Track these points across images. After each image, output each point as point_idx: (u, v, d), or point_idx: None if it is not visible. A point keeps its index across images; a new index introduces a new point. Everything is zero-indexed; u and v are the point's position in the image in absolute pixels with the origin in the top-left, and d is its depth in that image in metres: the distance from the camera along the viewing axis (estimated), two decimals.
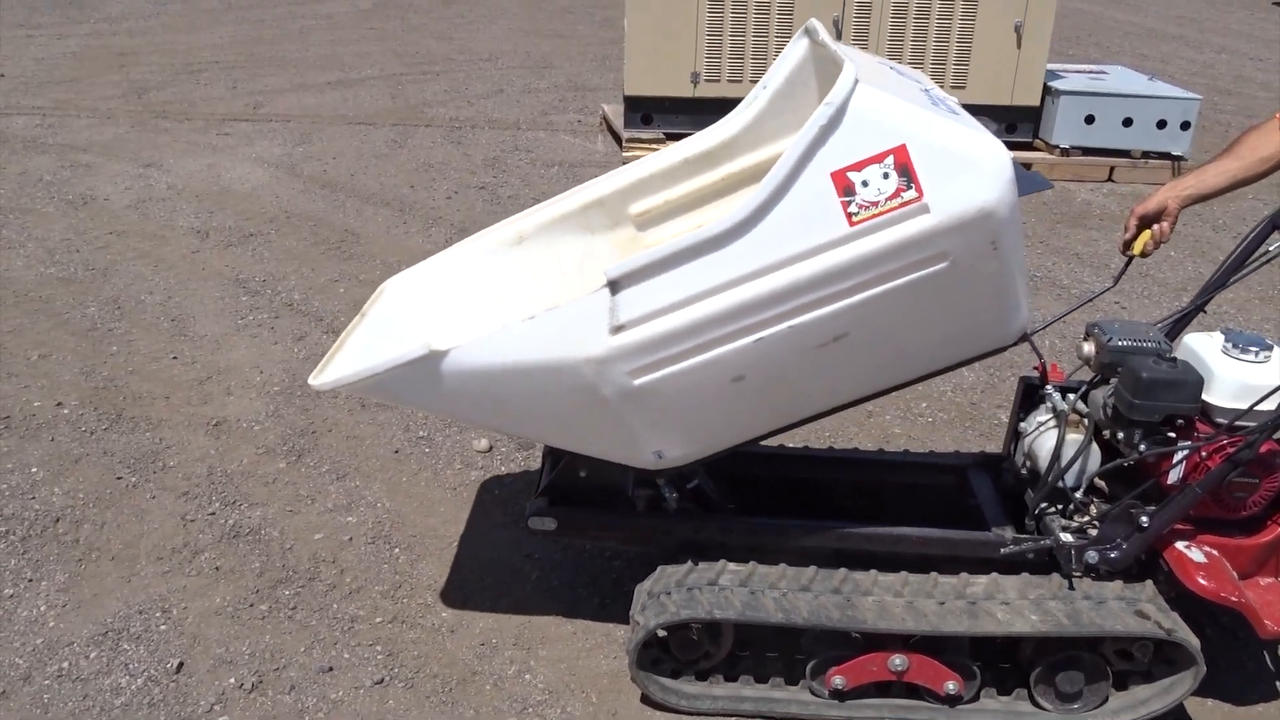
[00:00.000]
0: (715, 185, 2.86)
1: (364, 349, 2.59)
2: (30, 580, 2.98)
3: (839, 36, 6.88)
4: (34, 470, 3.48)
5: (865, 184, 2.11)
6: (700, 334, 2.23)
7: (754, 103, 2.77)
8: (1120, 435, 2.47)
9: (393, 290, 2.83)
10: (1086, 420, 2.55)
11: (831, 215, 2.12)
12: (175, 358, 4.28)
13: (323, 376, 2.49)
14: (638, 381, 2.29)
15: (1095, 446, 2.54)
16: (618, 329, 2.24)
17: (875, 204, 2.11)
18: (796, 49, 2.69)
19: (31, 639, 2.76)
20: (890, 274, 2.16)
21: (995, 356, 2.48)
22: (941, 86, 7.70)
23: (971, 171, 2.10)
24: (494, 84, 9.46)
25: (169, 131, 7.63)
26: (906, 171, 2.09)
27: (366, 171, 6.82)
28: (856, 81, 2.09)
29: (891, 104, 2.13)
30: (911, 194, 2.10)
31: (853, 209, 2.12)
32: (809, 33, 2.64)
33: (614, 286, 2.24)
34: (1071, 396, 2.61)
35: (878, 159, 2.10)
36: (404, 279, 2.85)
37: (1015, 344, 2.44)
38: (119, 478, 3.46)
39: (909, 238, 2.12)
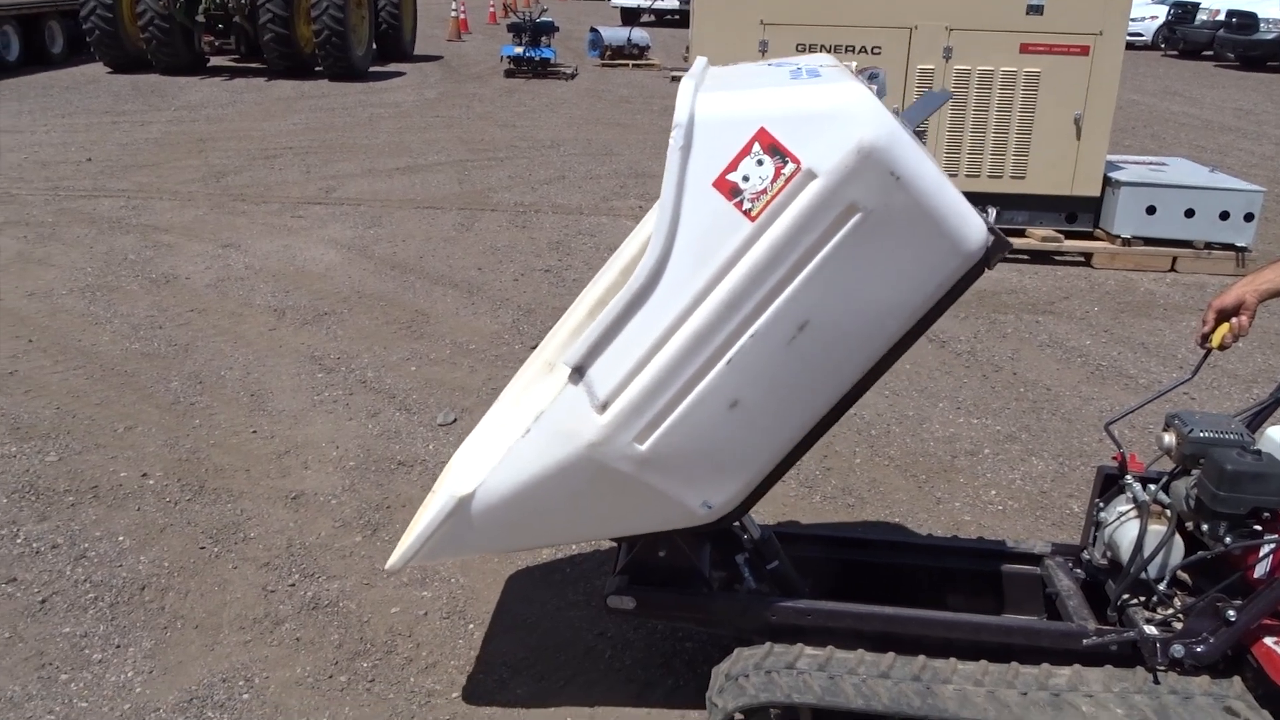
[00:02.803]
0: None
1: (423, 520, 2.69)
2: (118, 646, 3.05)
3: None
4: (121, 539, 3.58)
5: (746, 178, 2.15)
6: (675, 378, 2.26)
7: None
8: (1204, 527, 2.46)
9: (458, 460, 2.94)
10: (1169, 512, 2.55)
11: (731, 220, 2.17)
12: (255, 431, 4.40)
13: (393, 558, 2.63)
14: (645, 446, 2.32)
15: (1178, 538, 2.53)
16: (603, 407, 2.30)
17: (764, 191, 2.14)
18: None
19: (119, 705, 2.82)
20: (814, 247, 2.16)
21: (1064, 443, 2.47)
22: (1001, 178, 7.66)
23: (833, 120, 2.11)
24: (556, 170, 9.73)
25: (246, 214, 7.93)
26: (776, 149, 2.13)
27: (435, 254, 7.02)
28: (695, 93, 2.18)
29: (732, 98, 2.20)
30: (791, 167, 2.12)
31: (746, 205, 2.16)
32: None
33: (579, 372, 2.31)
34: (1153, 487, 2.62)
35: (745, 151, 2.14)
36: (465, 445, 2.96)
37: (994, 255, 2.26)
38: (202, 548, 3.55)
39: (810, 206, 2.13)
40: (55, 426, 4.39)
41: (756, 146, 2.13)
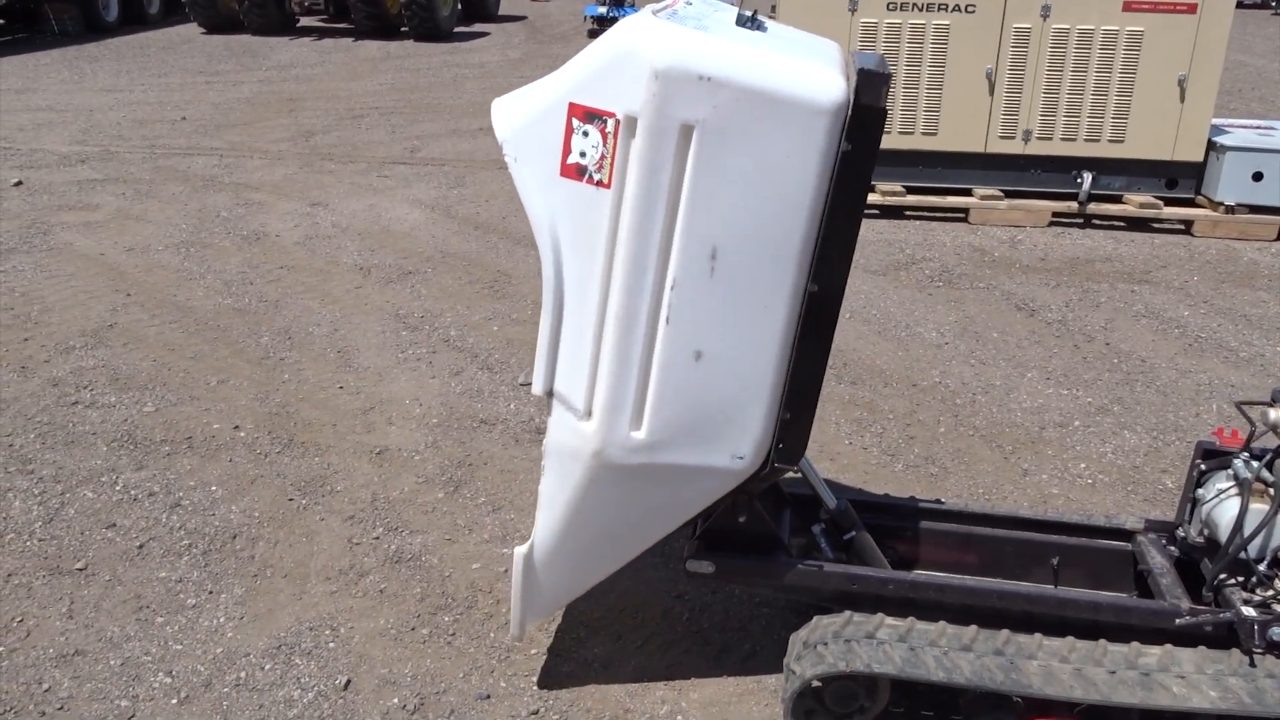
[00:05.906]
0: None
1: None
2: (210, 593, 3.16)
3: (991, 91, 6.81)
4: (214, 488, 3.70)
5: (584, 154, 2.19)
6: (630, 359, 2.28)
7: None
8: None
9: None
10: (1273, 490, 2.45)
11: (592, 197, 2.21)
12: (341, 387, 4.49)
13: (511, 628, 2.76)
14: (643, 432, 2.34)
15: None
16: (587, 413, 2.34)
17: (604, 156, 2.18)
18: None
19: (212, 648, 2.92)
20: (676, 179, 2.15)
21: (1158, 417, 2.38)
22: (1099, 141, 7.43)
23: (619, 62, 2.13)
24: None
25: (333, 173, 8.05)
26: (591, 115, 2.17)
27: (517, 215, 7.04)
28: (508, 105, 2.33)
29: (533, 92, 2.31)
30: (610, 123, 2.15)
31: (597, 177, 2.19)
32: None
33: (550, 394, 2.40)
34: (1256, 464, 2.51)
35: (569, 131, 2.19)
36: None
37: (872, 92, 2.10)
38: (290, 499, 3.64)
39: (648, 146, 2.13)
40: (152, 378, 4.53)
41: (575, 121, 2.19)
